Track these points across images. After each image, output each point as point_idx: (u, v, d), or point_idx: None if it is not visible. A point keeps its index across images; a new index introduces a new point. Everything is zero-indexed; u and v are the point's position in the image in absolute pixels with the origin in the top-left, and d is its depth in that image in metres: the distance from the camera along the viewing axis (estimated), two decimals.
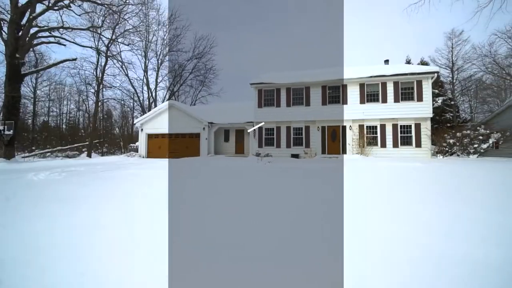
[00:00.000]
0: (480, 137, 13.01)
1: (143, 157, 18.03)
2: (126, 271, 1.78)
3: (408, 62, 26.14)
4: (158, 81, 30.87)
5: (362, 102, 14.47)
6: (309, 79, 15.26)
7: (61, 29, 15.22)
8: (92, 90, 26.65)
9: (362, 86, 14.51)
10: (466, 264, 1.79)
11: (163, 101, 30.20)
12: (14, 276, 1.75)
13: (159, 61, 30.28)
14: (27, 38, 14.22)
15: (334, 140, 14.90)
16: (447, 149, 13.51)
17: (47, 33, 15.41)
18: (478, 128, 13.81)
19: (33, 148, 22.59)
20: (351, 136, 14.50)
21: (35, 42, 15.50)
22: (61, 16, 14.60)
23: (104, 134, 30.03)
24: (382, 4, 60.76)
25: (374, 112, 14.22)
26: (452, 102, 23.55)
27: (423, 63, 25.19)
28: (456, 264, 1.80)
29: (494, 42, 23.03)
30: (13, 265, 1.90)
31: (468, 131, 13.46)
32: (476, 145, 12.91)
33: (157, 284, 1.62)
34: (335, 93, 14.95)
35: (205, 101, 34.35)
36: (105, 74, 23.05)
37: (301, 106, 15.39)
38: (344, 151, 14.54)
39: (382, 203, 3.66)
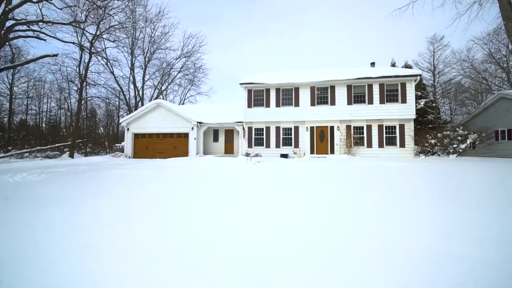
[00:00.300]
0: (459, 138, 13.69)
1: (129, 157, 17.50)
2: (126, 271, 1.76)
3: (393, 65, 27.03)
4: (145, 79, 30.09)
5: (349, 103, 14.81)
6: (298, 80, 15.43)
7: (40, 23, 14.44)
8: (75, 88, 25.55)
9: (349, 87, 14.86)
10: (466, 264, 1.80)
11: (150, 100, 29.48)
12: (14, 276, 1.74)
13: (146, 59, 29.51)
14: (3, 32, 13.40)
15: (322, 141, 15.15)
16: (428, 149, 14.11)
17: (25, 27, 14.58)
18: (457, 129, 14.52)
19: (9, 148, 21.34)
20: (339, 137, 14.81)
21: (11, 35, 14.62)
22: (40, 9, 13.84)
23: (87, 133, 28.89)
24: (370, 8, 62.55)
25: (360, 113, 14.60)
26: (434, 104, 24.62)
27: (407, 66, 26.15)
28: (456, 264, 1.80)
29: (471, 48, 24.35)
30: (13, 265, 1.89)
31: (448, 132, 14.12)
32: (455, 145, 13.56)
33: (156, 284, 1.60)
34: (323, 94, 15.21)
35: (194, 100, 33.91)
36: (88, 71, 22.15)
37: (290, 107, 15.53)
38: (332, 151, 14.82)
39: (379, 202, 3.69)
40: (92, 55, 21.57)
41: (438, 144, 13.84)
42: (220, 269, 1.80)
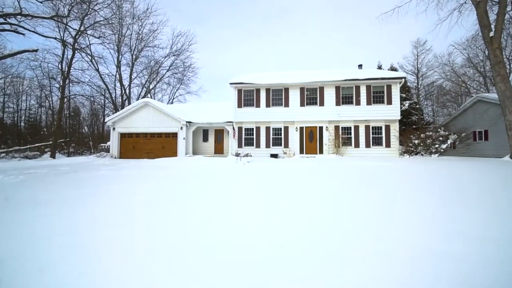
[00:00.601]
0: (440, 138, 14.31)
1: (115, 158, 16.97)
2: (126, 271, 1.77)
3: (380, 67, 27.85)
4: (133, 77, 29.25)
5: (337, 104, 15.11)
6: (288, 80, 15.56)
7: (18, 16, 13.71)
8: (57, 85, 24.42)
9: (337, 88, 15.15)
10: (465, 263, 1.79)
11: (137, 99, 28.73)
12: (14, 276, 1.73)
13: (134, 57, 28.70)
14: None
15: (311, 141, 15.36)
16: (412, 149, 14.65)
17: (1, 20, 13.79)
18: (438, 130, 15.17)
19: None
20: (327, 137, 15.07)
21: None
22: (18, 2, 13.14)
23: (70, 133, 27.76)
24: (358, 12, 64.06)
25: (348, 114, 14.93)
26: (417, 106, 25.60)
27: (393, 68, 27.02)
28: (455, 264, 1.80)
29: (452, 52, 25.58)
30: (13, 265, 1.88)
31: (431, 133, 14.73)
32: (437, 145, 14.16)
33: (156, 284, 1.61)
34: (312, 95, 15.43)
35: (183, 99, 33.39)
36: (72, 68, 21.25)
37: (280, 107, 15.64)
38: (321, 151, 15.06)
39: (371, 201, 3.73)
40: (76, 51, 20.73)
41: (421, 144, 14.40)
42: (218, 269, 1.80)
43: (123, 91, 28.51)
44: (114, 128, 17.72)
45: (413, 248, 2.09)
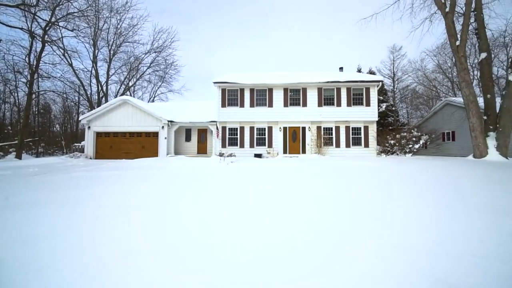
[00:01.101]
0: (414, 139, 15.24)
1: (90, 158, 16.04)
2: (126, 271, 1.76)
3: (359, 70, 29.04)
4: (110, 73, 27.80)
5: (319, 105, 15.52)
6: (272, 81, 15.70)
7: None
8: (24, 80, 22.51)
9: (320, 90, 15.57)
10: (465, 263, 1.82)
11: (115, 96, 27.36)
12: (14, 276, 1.73)
13: (112, 52, 27.28)
14: None
15: (294, 141, 15.63)
16: (389, 149, 15.45)
17: None
18: (412, 130, 16.15)
19: None
20: (310, 137, 15.42)
21: None
22: None
23: (40, 131, 25.78)
24: (342, 16, 66.15)
25: (330, 115, 15.39)
26: (393, 108, 27.05)
27: (371, 72, 28.29)
28: (455, 263, 1.82)
29: (424, 58, 27.45)
30: (13, 265, 1.87)
31: (405, 134, 15.64)
32: (410, 145, 15.07)
33: (156, 284, 1.60)
34: (296, 96, 15.70)
35: (165, 98, 32.37)
36: (41, 61, 19.66)
37: (264, 107, 15.72)
38: (304, 151, 15.38)
39: (369, 201, 3.76)
40: (46, 44, 19.22)
41: (397, 144, 15.24)
42: (216, 269, 1.79)
43: (100, 88, 27.01)
44: (89, 127, 16.74)
45: (412, 248, 2.10)
